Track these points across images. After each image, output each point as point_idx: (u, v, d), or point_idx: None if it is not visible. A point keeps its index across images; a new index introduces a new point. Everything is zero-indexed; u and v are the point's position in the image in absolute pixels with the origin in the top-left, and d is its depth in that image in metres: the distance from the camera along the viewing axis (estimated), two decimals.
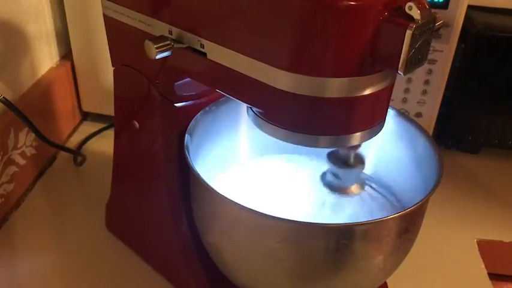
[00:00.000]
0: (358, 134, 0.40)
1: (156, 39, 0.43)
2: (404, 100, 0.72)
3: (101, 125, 0.82)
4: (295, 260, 0.42)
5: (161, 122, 0.52)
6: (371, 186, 0.54)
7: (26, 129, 0.68)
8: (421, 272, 0.61)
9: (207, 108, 0.51)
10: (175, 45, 0.44)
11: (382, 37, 0.35)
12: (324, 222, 0.41)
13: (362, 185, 0.48)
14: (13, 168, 0.66)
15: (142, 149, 0.56)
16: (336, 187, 0.47)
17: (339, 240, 0.40)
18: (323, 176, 0.47)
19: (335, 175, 0.46)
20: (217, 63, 0.42)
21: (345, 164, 0.45)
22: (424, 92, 0.71)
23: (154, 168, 0.55)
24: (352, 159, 0.45)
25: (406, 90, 0.72)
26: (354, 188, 0.47)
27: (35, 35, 0.72)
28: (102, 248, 0.62)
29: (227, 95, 0.44)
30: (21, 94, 0.70)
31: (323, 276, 0.43)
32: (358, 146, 0.44)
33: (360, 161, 0.46)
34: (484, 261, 0.63)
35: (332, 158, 0.46)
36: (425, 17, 0.34)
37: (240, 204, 0.41)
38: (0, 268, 0.59)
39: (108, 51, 0.55)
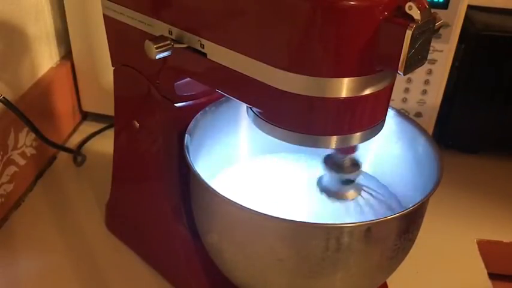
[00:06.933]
0: (358, 134, 0.40)
1: (156, 39, 0.43)
2: (404, 100, 0.72)
3: (101, 125, 0.82)
4: (295, 260, 0.42)
5: (161, 122, 0.52)
6: (371, 187, 0.54)
7: (26, 129, 0.68)
8: (421, 272, 0.61)
9: (207, 108, 0.51)
10: (175, 45, 0.44)
11: (382, 37, 0.35)
12: (324, 222, 0.41)
13: (358, 190, 0.47)
14: (13, 168, 0.66)
15: (142, 149, 0.56)
16: (332, 192, 0.46)
17: (339, 240, 0.40)
18: (319, 180, 0.47)
19: (331, 180, 0.46)
20: (217, 63, 0.42)
21: (340, 169, 0.45)
22: (424, 92, 0.71)
23: (154, 168, 0.55)
24: (348, 164, 0.45)
25: (406, 90, 0.71)
26: (350, 193, 0.46)
27: (35, 35, 0.72)
28: (102, 248, 0.62)
29: (227, 95, 0.44)
30: (21, 94, 0.70)
31: (323, 276, 0.43)
32: (354, 149, 0.44)
33: (356, 166, 0.45)
34: (484, 261, 0.63)
35: (328, 163, 0.45)
36: (425, 17, 0.34)
37: (240, 205, 0.41)
38: (0, 268, 0.59)
39: (108, 51, 0.55)
